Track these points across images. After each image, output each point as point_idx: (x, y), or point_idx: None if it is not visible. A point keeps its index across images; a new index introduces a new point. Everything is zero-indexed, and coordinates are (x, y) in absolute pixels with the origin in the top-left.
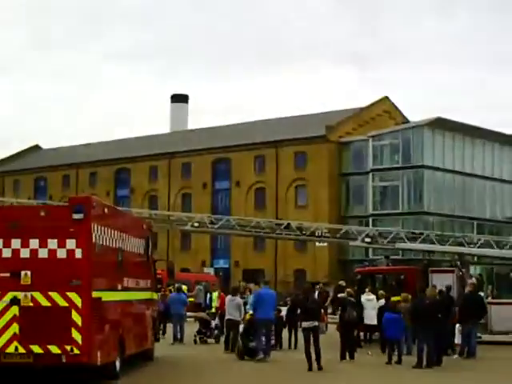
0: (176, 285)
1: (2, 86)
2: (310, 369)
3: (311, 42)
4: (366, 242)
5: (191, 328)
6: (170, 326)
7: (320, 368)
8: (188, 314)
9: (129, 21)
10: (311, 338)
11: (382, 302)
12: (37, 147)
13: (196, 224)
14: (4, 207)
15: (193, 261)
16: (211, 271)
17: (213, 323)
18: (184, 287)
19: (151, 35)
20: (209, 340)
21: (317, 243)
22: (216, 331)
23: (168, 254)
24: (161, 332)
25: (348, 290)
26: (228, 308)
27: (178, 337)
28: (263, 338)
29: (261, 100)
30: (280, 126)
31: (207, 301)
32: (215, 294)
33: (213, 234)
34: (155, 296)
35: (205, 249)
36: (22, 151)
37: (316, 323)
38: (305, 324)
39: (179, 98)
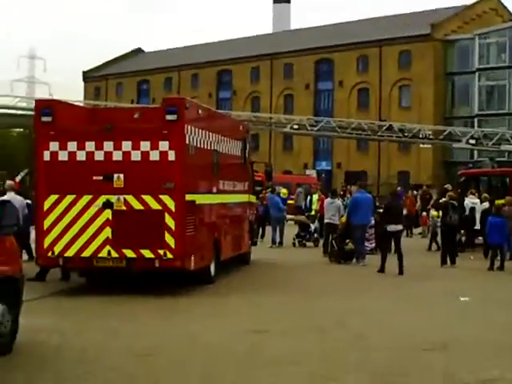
0: (269, 188)
1: None
2: (381, 270)
3: None
4: (471, 144)
5: (291, 231)
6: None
7: (401, 272)
8: (288, 216)
9: None
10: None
11: (486, 205)
12: (139, 50)
13: (296, 126)
14: (96, 109)
15: (295, 163)
16: (313, 173)
17: (312, 226)
18: (283, 190)
19: None
20: (308, 243)
21: (421, 145)
22: (315, 234)
23: (270, 156)
24: (259, 234)
25: (449, 193)
26: (327, 211)
27: (277, 240)
28: (360, 243)
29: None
30: (384, 24)
31: (307, 203)
32: (315, 197)
33: (313, 136)
34: (253, 199)
35: (307, 151)
36: (125, 54)
37: (400, 227)
38: (389, 227)
39: None
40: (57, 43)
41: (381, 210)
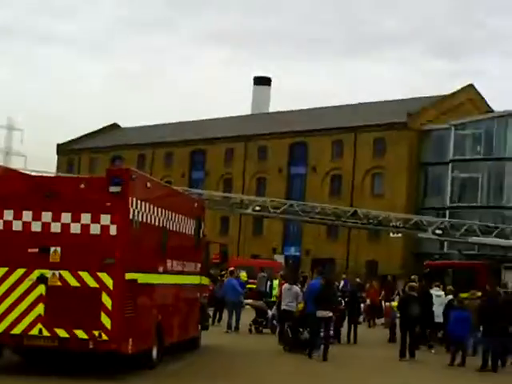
0: (223, 270)
1: (92, 64)
2: (309, 356)
3: (399, 31)
4: (437, 234)
5: (250, 316)
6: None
7: (324, 359)
8: (246, 301)
9: (213, 3)
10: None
11: (450, 297)
12: (115, 125)
13: (257, 208)
14: (37, 176)
15: (264, 247)
16: (282, 258)
17: (269, 312)
18: (243, 273)
19: (237, 17)
20: (264, 330)
21: (391, 234)
22: (274, 321)
23: (239, 239)
24: (217, 319)
25: (410, 284)
26: (284, 297)
27: (233, 325)
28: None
29: (344, 86)
30: (360, 111)
31: (267, 289)
32: (275, 282)
33: (275, 219)
34: (205, 281)
35: (277, 235)
36: (101, 129)
37: (330, 314)
38: (318, 313)
39: (262, 81)
40: (34, 114)
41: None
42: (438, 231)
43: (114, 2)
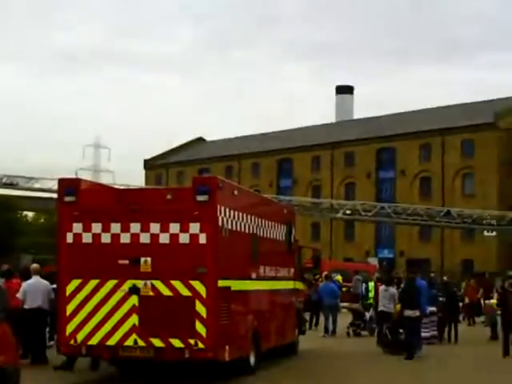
0: (317, 274)
1: (172, 80)
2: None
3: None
4: None
5: (346, 320)
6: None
7: (409, 357)
8: (342, 304)
9: (298, 16)
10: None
11: None
12: (200, 139)
13: (348, 212)
14: (123, 190)
15: (357, 251)
16: (375, 261)
17: (367, 315)
18: (338, 277)
19: (320, 30)
20: (362, 332)
21: (485, 232)
22: (372, 323)
23: (331, 244)
24: (313, 323)
25: (510, 280)
26: (381, 299)
27: (330, 328)
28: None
29: (428, 91)
30: (446, 113)
31: (363, 291)
32: (371, 284)
33: (367, 222)
34: (300, 286)
35: (369, 238)
36: (186, 143)
37: (417, 313)
38: (405, 313)
39: (344, 89)
40: (120, 132)
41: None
42: None
43: (192, 21)
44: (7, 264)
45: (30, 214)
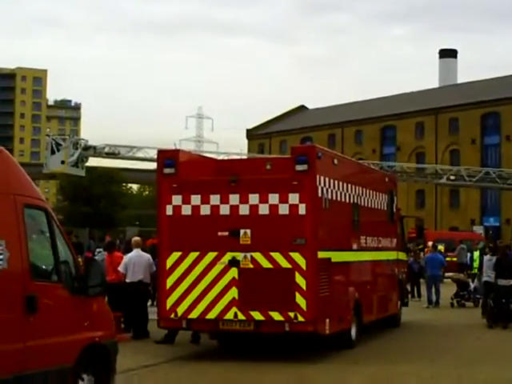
0: (420, 244)
1: (269, 47)
2: (491, 326)
3: None
4: None
5: (450, 290)
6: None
7: (505, 327)
8: (446, 274)
9: None
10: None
11: None
12: (302, 107)
13: (452, 177)
14: (221, 160)
15: (461, 219)
16: (481, 230)
17: (471, 285)
18: (440, 247)
19: None
20: (467, 303)
21: None
22: (477, 294)
23: (436, 212)
24: (416, 295)
25: None
26: (485, 269)
27: (434, 299)
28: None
29: None
30: None
31: (468, 261)
32: (476, 254)
33: (472, 187)
34: (402, 256)
35: (474, 206)
36: (288, 111)
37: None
38: (500, 282)
39: (448, 53)
40: (222, 102)
41: None
42: None
43: None
44: (110, 237)
45: (135, 187)
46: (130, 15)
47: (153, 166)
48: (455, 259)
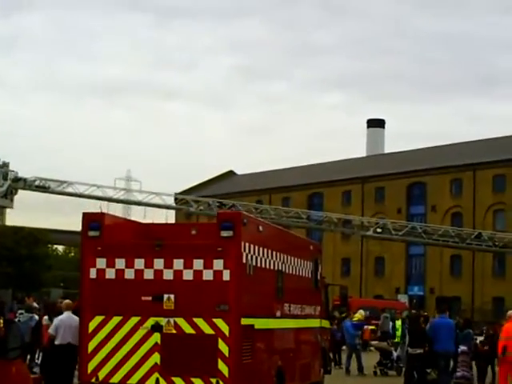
0: (344, 312)
1: (212, 114)
2: None
3: None
4: None
5: (375, 358)
6: None
7: None
8: (372, 343)
9: (325, 48)
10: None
11: None
12: (231, 173)
13: (379, 230)
14: (148, 224)
15: (386, 288)
16: (405, 299)
17: (394, 354)
18: (357, 314)
19: (350, 63)
20: (390, 372)
21: None
22: (399, 362)
23: (361, 280)
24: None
25: None
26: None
27: (350, 368)
28: (444, 372)
29: (459, 124)
30: (478, 148)
31: (390, 330)
32: (398, 323)
33: (397, 241)
34: (326, 324)
35: (399, 275)
36: (217, 176)
37: (420, 351)
38: (410, 350)
39: (375, 123)
40: (151, 165)
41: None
42: None
43: (228, 53)
44: (33, 298)
45: (60, 248)
46: (71, 76)
47: (79, 227)
48: (372, 327)
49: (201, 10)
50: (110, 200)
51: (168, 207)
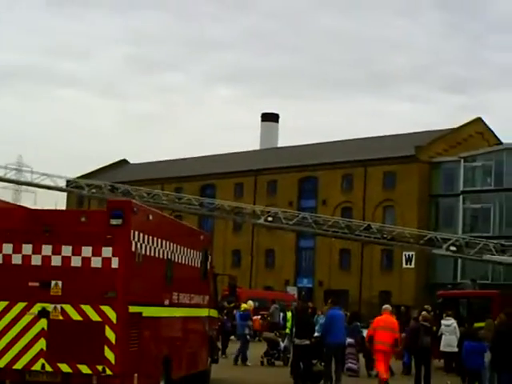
0: (232, 302)
1: (106, 103)
2: None
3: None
4: (451, 251)
5: (262, 348)
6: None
7: None
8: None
9: (221, 43)
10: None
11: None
12: (124, 162)
13: (270, 219)
14: (36, 210)
15: (276, 279)
16: (294, 290)
17: (281, 344)
18: (244, 305)
19: (247, 57)
20: (276, 362)
21: (403, 265)
22: (287, 353)
23: (251, 272)
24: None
25: (423, 313)
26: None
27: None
28: (332, 364)
29: (352, 122)
30: (369, 145)
31: (281, 320)
32: (289, 314)
33: (288, 230)
34: (214, 313)
35: (289, 267)
36: (110, 165)
37: (307, 342)
38: (296, 341)
39: (269, 117)
40: (43, 151)
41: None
42: (452, 248)
43: (124, 43)
44: None
45: None
46: None
47: None
48: (268, 318)
49: None
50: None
51: (60, 189)
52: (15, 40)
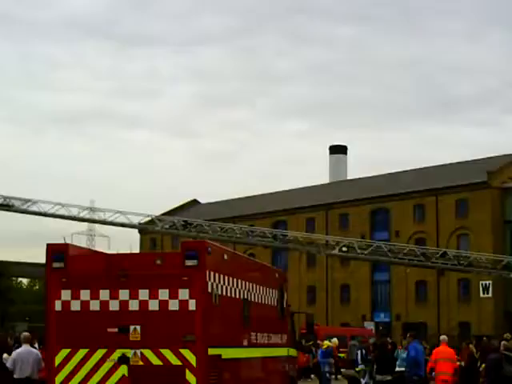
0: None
1: (176, 143)
2: None
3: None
4: None
5: None
6: None
7: None
8: (341, 370)
9: (286, 77)
10: None
11: None
12: (195, 201)
13: (344, 249)
14: (113, 254)
15: (353, 315)
16: (371, 325)
17: (362, 381)
18: (325, 342)
19: (310, 90)
20: None
21: (481, 294)
22: None
23: (327, 308)
24: None
25: (503, 342)
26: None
27: None
28: None
29: (420, 150)
30: (439, 173)
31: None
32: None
33: (362, 260)
34: (293, 352)
35: (365, 302)
36: (180, 205)
37: (389, 377)
38: (378, 377)
39: (338, 149)
40: (115, 195)
41: None
42: None
43: (191, 81)
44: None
45: (25, 281)
46: (32, 105)
47: (43, 260)
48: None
49: (162, 38)
50: (74, 219)
51: (133, 226)
52: (82, 83)
